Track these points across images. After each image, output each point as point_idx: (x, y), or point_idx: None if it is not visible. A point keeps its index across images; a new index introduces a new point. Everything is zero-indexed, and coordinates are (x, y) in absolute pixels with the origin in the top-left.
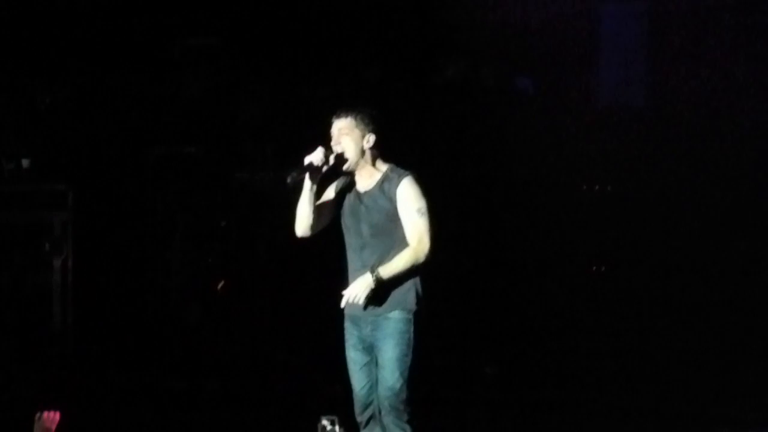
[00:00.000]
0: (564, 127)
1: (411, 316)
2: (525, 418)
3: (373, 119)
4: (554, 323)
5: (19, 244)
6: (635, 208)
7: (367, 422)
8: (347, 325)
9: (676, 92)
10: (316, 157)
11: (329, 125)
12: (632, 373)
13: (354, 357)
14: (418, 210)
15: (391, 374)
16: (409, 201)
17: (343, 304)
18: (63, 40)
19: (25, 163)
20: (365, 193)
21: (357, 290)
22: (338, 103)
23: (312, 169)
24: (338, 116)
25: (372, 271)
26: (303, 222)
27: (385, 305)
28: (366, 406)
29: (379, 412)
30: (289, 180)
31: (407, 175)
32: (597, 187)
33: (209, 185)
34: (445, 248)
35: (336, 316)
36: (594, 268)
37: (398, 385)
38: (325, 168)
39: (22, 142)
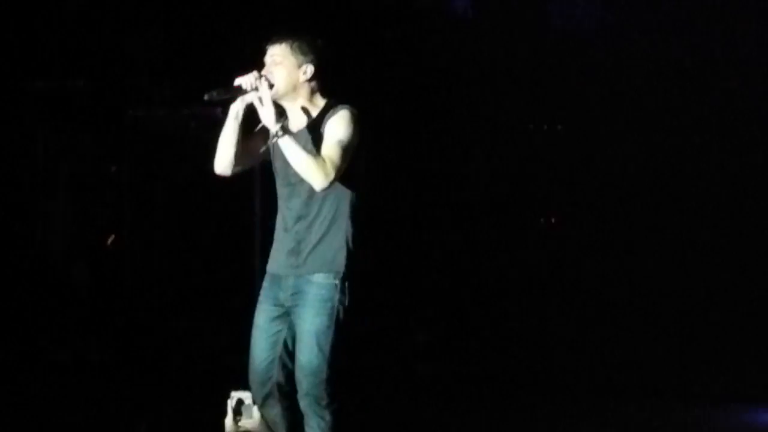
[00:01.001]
0: (508, 56)
1: (338, 282)
2: (459, 392)
3: (313, 48)
4: (496, 284)
5: None
6: (589, 151)
7: (264, 400)
8: (266, 285)
9: (636, 13)
10: (247, 80)
11: (263, 53)
12: (582, 338)
13: (262, 324)
14: (339, 141)
15: (308, 349)
16: (335, 129)
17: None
18: None
19: None
20: (298, 132)
21: (249, 79)
22: (248, 28)
23: (239, 92)
24: (272, 42)
25: (284, 127)
26: (224, 156)
27: (309, 265)
28: (264, 383)
29: (280, 391)
30: (206, 96)
31: (345, 108)
32: (546, 127)
33: (97, 124)
34: (373, 195)
35: (244, 275)
36: (542, 219)
37: (316, 362)
38: (254, 95)
39: None
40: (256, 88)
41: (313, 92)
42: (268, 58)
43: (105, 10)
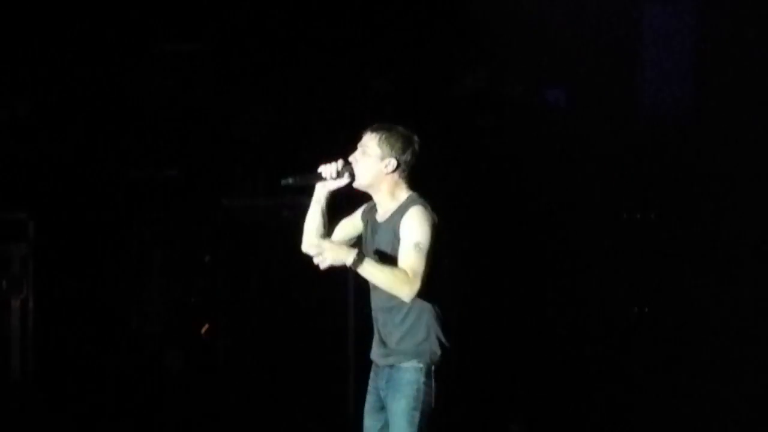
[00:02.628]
0: (601, 145)
1: (422, 365)
2: None
3: (401, 143)
4: (589, 374)
5: None
6: (684, 240)
7: None
8: (371, 374)
9: (732, 102)
10: (328, 169)
11: (359, 138)
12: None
13: (366, 413)
14: (416, 245)
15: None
16: (409, 232)
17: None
18: (22, 47)
19: None
20: (380, 223)
21: (325, 252)
22: (338, 119)
23: (318, 178)
24: (367, 131)
25: (359, 255)
26: (307, 237)
27: (396, 355)
28: None
29: None
30: (283, 182)
31: (416, 204)
32: (639, 216)
33: (192, 214)
34: (462, 285)
35: (341, 365)
36: (635, 309)
37: None
38: (335, 183)
39: None
40: (337, 177)
41: (395, 185)
42: (359, 146)
43: (197, 100)
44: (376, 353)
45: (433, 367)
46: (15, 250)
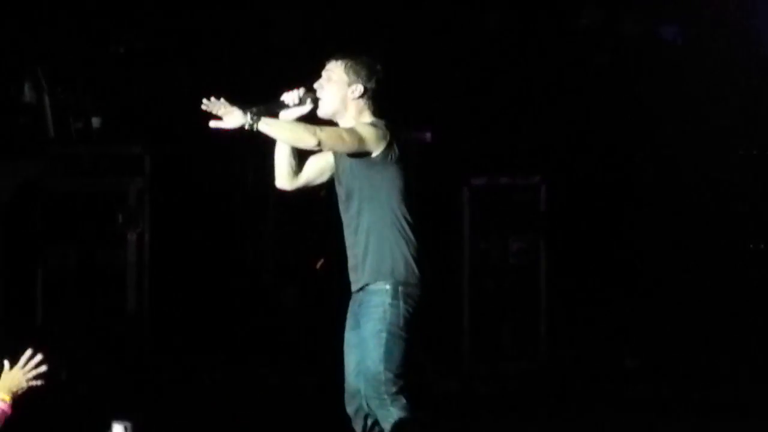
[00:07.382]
0: (716, 82)
1: (389, 286)
2: (668, 418)
3: (366, 70)
4: (704, 310)
5: (88, 216)
6: None
7: (355, 413)
8: (350, 302)
9: None
10: (290, 96)
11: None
12: None
13: (347, 340)
14: (350, 126)
15: (364, 354)
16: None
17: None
18: None
19: (95, 122)
20: None
21: (221, 109)
22: (450, 54)
23: (281, 107)
24: (331, 59)
25: (253, 116)
26: (278, 171)
27: (365, 277)
28: (353, 395)
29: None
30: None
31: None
32: (755, 152)
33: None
34: (577, 222)
35: (450, 293)
36: (751, 246)
37: (371, 367)
38: (297, 110)
39: (93, 99)
40: (299, 104)
41: (360, 112)
42: (324, 73)
43: (317, 36)
44: (352, 281)
45: (400, 288)
46: (131, 184)
